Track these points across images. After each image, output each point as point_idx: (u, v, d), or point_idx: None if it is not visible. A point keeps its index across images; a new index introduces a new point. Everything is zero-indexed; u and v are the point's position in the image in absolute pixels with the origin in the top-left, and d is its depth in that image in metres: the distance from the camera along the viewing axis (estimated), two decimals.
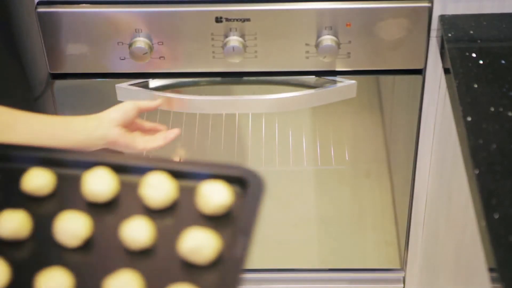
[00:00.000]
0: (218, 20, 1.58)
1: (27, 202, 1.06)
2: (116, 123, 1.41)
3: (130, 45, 1.60)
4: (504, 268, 1.08)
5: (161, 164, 1.06)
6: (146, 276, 0.95)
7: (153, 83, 1.69)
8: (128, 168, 1.06)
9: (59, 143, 1.33)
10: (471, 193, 1.25)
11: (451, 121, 1.42)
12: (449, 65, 1.47)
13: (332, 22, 1.58)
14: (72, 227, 1.00)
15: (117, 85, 1.68)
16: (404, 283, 1.97)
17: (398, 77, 1.69)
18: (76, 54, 1.64)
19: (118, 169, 1.06)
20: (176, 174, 1.05)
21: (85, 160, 1.08)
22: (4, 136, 1.24)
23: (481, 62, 1.46)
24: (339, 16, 1.58)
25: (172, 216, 1.04)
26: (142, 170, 1.06)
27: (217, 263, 0.97)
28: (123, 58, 1.63)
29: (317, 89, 1.64)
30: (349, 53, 1.61)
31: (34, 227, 1.03)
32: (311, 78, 1.65)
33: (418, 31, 1.59)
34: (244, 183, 1.04)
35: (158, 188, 1.03)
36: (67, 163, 1.08)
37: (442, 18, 1.57)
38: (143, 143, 1.44)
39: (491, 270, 1.11)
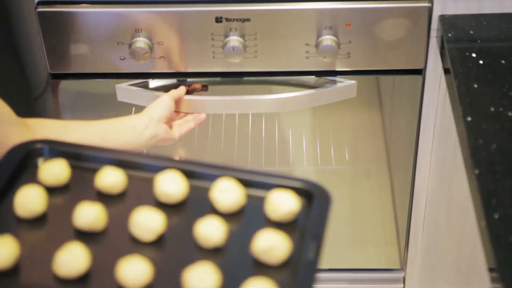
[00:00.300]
0: (218, 20, 1.58)
1: (100, 198, 1.12)
2: (164, 120, 1.46)
3: (130, 45, 1.60)
4: (504, 268, 1.08)
5: (230, 172, 1.14)
6: (220, 271, 1.02)
7: (153, 83, 1.69)
8: (196, 174, 1.14)
9: (110, 145, 1.33)
10: (471, 193, 1.25)
11: (451, 121, 1.42)
12: (449, 65, 1.47)
13: (332, 22, 1.58)
14: (148, 221, 1.06)
15: (117, 86, 1.68)
16: (404, 283, 1.97)
17: (398, 77, 1.69)
18: (76, 54, 1.64)
19: (187, 174, 1.13)
20: (244, 183, 1.13)
21: (155, 164, 1.15)
22: None
23: (481, 62, 1.46)
24: (339, 16, 1.58)
25: (240, 221, 1.11)
26: (210, 177, 1.13)
27: (287, 264, 1.04)
28: (123, 58, 1.63)
29: (317, 89, 1.64)
30: (349, 53, 1.61)
31: (109, 221, 1.09)
32: (311, 78, 1.65)
33: (418, 31, 1.59)
34: (310, 195, 1.12)
35: (228, 193, 1.11)
36: (138, 166, 1.16)
37: (442, 18, 1.57)
38: (178, 131, 1.53)
39: (491, 270, 1.11)
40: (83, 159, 1.16)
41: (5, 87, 2.10)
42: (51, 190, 1.12)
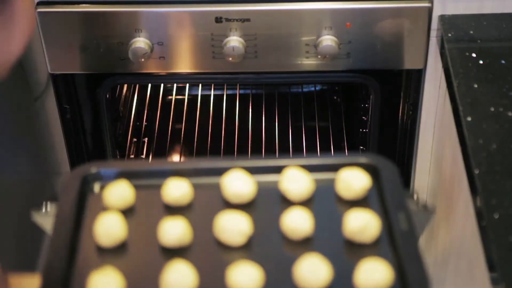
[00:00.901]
0: (218, 20, 1.59)
1: (171, 212, 1.12)
2: None
3: (130, 45, 1.60)
4: (504, 268, 1.08)
5: (293, 161, 1.17)
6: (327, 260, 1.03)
7: None
8: (258, 169, 1.16)
9: None
10: (471, 193, 1.25)
11: (451, 121, 1.43)
12: (449, 65, 1.47)
13: (332, 22, 1.58)
14: (236, 225, 1.06)
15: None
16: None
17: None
18: (76, 54, 1.64)
19: (251, 170, 1.14)
20: (308, 168, 1.15)
21: (219, 167, 1.16)
22: None
23: (481, 62, 1.46)
24: (339, 16, 1.58)
25: (314, 206, 1.12)
26: (274, 169, 1.16)
27: (380, 240, 1.07)
28: (123, 58, 1.63)
29: None
30: (349, 53, 1.61)
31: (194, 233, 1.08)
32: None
33: (418, 31, 1.59)
34: (376, 170, 1.16)
35: (299, 182, 1.12)
36: (200, 172, 1.17)
37: (442, 18, 1.57)
38: None
39: (491, 270, 1.11)
40: (141, 177, 1.17)
41: (5, 87, 2.10)
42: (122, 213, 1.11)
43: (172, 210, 1.13)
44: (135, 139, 2.16)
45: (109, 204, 1.12)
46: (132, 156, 2.11)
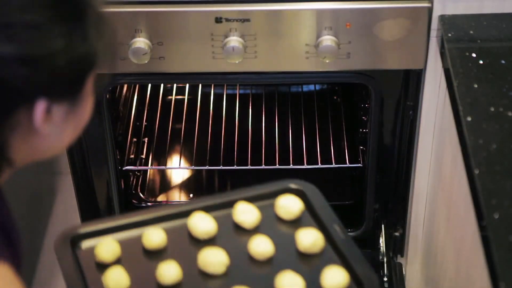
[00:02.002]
0: (218, 20, 1.59)
1: (154, 256, 1.36)
2: None
3: (130, 45, 1.60)
4: (504, 268, 1.08)
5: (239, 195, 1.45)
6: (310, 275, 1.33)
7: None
8: (214, 207, 1.43)
9: None
10: (471, 193, 1.25)
11: (451, 121, 1.43)
12: (449, 65, 1.47)
13: (332, 22, 1.58)
14: (217, 257, 1.32)
15: None
16: (404, 284, 1.97)
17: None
18: None
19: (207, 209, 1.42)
20: (250, 200, 1.43)
21: (183, 210, 1.42)
22: None
23: (481, 62, 1.46)
24: (339, 16, 1.58)
25: (264, 231, 1.39)
26: (229, 203, 1.43)
27: (326, 250, 1.36)
28: (123, 58, 1.63)
29: None
30: (349, 53, 1.61)
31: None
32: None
33: (418, 31, 1.59)
34: (302, 193, 1.42)
35: (249, 213, 1.40)
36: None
37: (442, 18, 1.57)
38: None
39: (491, 270, 1.11)
40: (119, 230, 1.40)
41: None
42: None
43: (154, 254, 1.37)
44: (135, 139, 2.16)
45: (102, 259, 1.34)
46: (132, 156, 2.11)
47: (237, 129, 2.21)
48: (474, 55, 1.47)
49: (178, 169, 2.16)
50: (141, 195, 2.11)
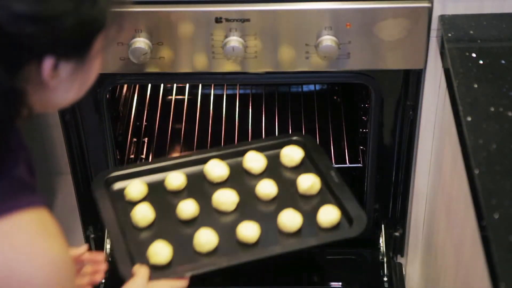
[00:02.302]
0: (218, 20, 1.58)
1: (176, 196, 1.68)
2: None
3: (130, 45, 1.60)
4: (504, 268, 1.08)
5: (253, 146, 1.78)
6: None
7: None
8: (228, 155, 1.77)
9: None
10: (471, 193, 1.25)
11: (451, 121, 1.43)
12: (449, 65, 1.47)
13: (332, 22, 1.58)
14: (229, 197, 1.65)
15: None
16: (404, 284, 1.97)
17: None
18: None
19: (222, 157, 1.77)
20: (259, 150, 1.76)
21: (201, 157, 1.76)
22: None
23: (481, 62, 1.46)
24: (339, 16, 1.58)
25: (270, 176, 1.71)
26: (241, 152, 1.76)
27: (322, 192, 1.67)
28: (123, 58, 1.63)
29: None
30: (349, 53, 1.61)
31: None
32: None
33: (418, 31, 1.59)
34: (304, 144, 1.76)
35: (258, 161, 1.72)
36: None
37: (442, 18, 1.57)
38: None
39: (491, 270, 1.11)
40: (147, 174, 1.72)
41: None
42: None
43: (175, 194, 1.68)
44: (135, 139, 2.16)
45: (131, 198, 1.66)
46: (132, 156, 2.11)
47: (237, 129, 2.21)
48: (474, 55, 1.47)
49: None
50: None
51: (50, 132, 2.41)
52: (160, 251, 1.53)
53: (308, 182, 1.65)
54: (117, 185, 1.69)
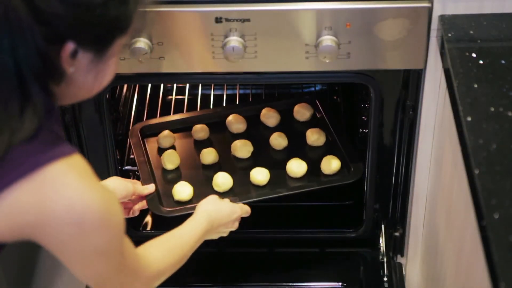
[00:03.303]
0: (218, 20, 1.58)
1: (199, 145, 2.07)
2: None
3: (130, 45, 1.60)
4: (504, 268, 1.08)
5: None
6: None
7: None
8: (246, 110, 2.16)
9: None
10: (471, 193, 1.25)
11: (451, 121, 1.43)
12: (449, 65, 1.47)
13: (332, 22, 1.58)
14: (245, 145, 2.01)
15: None
16: (404, 284, 1.97)
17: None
18: None
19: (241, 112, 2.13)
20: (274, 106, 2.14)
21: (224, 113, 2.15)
22: None
23: (481, 62, 1.46)
24: (339, 16, 1.58)
25: (283, 129, 2.08)
26: (258, 109, 2.14)
27: (327, 143, 2.02)
28: (123, 58, 1.63)
29: None
30: (349, 53, 1.61)
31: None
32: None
33: (418, 31, 1.59)
34: (313, 102, 2.16)
35: (273, 117, 2.10)
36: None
37: (442, 18, 1.57)
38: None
39: (491, 270, 1.11)
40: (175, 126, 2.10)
41: None
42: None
43: (199, 143, 2.05)
44: None
45: (161, 145, 2.03)
46: (132, 156, 2.11)
47: None
48: (474, 55, 1.47)
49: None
50: None
51: None
52: (183, 189, 1.86)
53: (315, 136, 1.99)
54: (150, 133, 2.05)
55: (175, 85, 2.34)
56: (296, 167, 1.90)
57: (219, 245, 1.95)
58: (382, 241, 1.94)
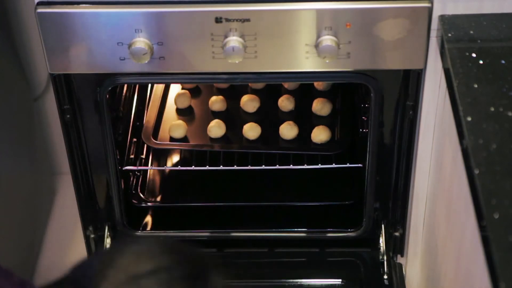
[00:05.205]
0: (218, 20, 1.59)
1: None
2: None
3: (130, 45, 1.60)
4: (504, 268, 1.08)
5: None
6: None
7: None
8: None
9: None
10: (471, 193, 1.25)
11: (451, 121, 1.43)
12: (449, 65, 1.47)
13: (332, 22, 1.58)
14: (252, 100, 2.16)
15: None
16: (404, 284, 1.97)
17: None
18: (76, 54, 1.64)
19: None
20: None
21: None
22: None
23: (481, 62, 1.46)
24: (339, 16, 1.58)
25: (293, 93, 2.19)
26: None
27: (331, 114, 2.13)
28: (123, 58, 1.63)
29: None
30: (349, 53, 1.61)
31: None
32: None
33: (418, 31, 1.59)
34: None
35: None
36: None
37: (442, 18, 1.57)
38: None
39: (491, 270, 1.11)
40: None
41: (5, 87, 2.10)
42: None
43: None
44: (135, 139, 2.16)
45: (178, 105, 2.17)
46: (132, 156, 2.11)
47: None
48: (474, 55, 1.47)
49: (178, 169, 2.16)
50: (141, 195, 2.11)
51: (50, 132, 2.41)
52: (178, 128, 2.05)
53: (320, 105, 2.11)
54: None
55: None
56: (287, 130, 2.03)
57: (219, 245, 1.96)
58: (382, 241, 1.94)
